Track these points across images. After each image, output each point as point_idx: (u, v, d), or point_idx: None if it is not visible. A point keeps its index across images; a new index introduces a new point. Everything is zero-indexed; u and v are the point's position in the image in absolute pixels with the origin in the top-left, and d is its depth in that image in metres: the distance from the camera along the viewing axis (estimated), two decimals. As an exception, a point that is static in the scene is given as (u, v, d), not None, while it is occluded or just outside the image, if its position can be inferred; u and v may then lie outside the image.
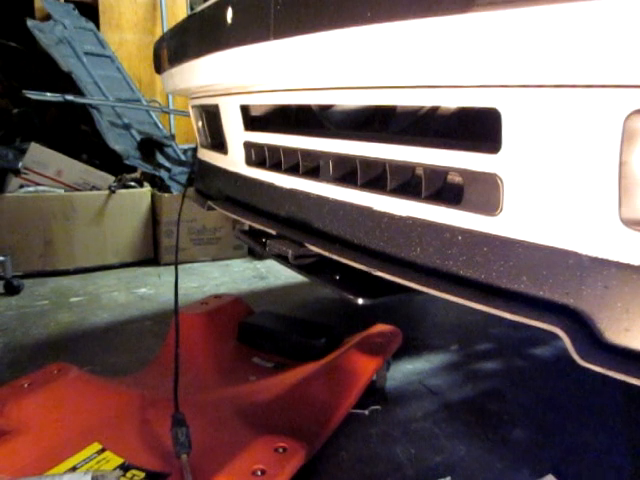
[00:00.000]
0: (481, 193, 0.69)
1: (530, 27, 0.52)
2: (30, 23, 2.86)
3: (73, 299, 2.17)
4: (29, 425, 1.07)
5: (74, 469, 0.98)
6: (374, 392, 1.36)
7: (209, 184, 1.60)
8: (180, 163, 2.94)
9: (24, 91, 2.59)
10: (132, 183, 2.74)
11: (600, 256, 0.56)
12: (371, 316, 1.63)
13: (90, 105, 2.78)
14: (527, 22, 0.52)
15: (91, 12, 3.37)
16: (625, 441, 1.19)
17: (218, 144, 1.46)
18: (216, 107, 1.38)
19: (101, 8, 3.52)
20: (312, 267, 1.12)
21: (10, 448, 1.01)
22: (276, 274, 2.52)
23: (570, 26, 0.49)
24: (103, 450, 1.04)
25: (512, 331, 1.80)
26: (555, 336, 0.59)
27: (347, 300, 0.99)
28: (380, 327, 1.50)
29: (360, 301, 0.95)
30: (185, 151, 3.07)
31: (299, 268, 1.11)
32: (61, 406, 1.13)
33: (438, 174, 0.78)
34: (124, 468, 0.99)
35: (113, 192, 2.59)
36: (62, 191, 2.55)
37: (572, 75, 0.54)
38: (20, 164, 2.49)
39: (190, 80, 1.29)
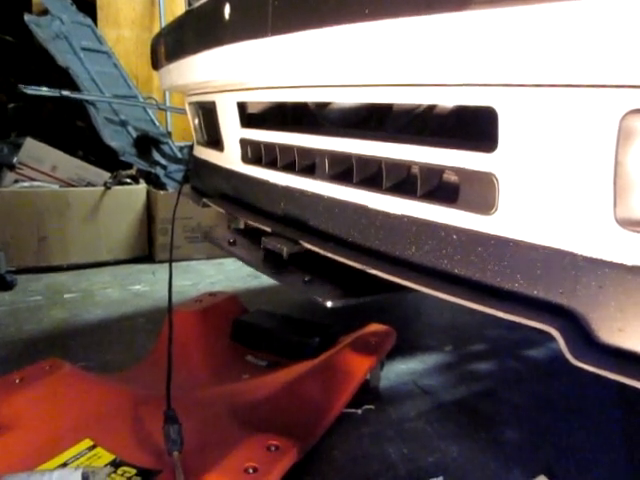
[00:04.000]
0: (477, 192, 0.69)
1: (527, 26, 0.52)
2: (27, 18, 2.84)
3: (67, 295, 2.16)
4: (20, 420, 1.06)
5: (65, 465, 0.98)
6: (367, 391, 1.36)
7: (205, 181, 1.60)
8: (176, 160, 2.93)
9: (20, 86, 2.57)
10: (127, 180, 2.73)
11: (595, 256, 0.56)
12: (365, 316, 1.63)
13: (86, 101, 2.76)
14: (524, 20, 0.52)
15: (89, 8, 3.35)
16: (618, 442, 1.19)
17: (214, 141, 1.45)
18: (213, 104, 1.37)
19: (99, 4, 3.51)
20: (282, 268, 1.11)
21: (1, 443, 1.01)
22: (271, 273, 2.51)
23: (567, 25, 0.49)
24: (94, 446, 1.03)
25: (506, 332, 1.81)
26: (549, 337, 0.59)
27: (316, 302, 0.97)
28: (374, 327, 1.49)
29: (329, 304, 0.94)
30: (181, 148, 3.06)
31: (268, 270, 1.10)
32: (53, 402, 1.13)
33: (434, 173, 0.78)
34: (115, 465, 0.98)
35: (108, 188, 2.58)
36: (57, 187, 2.54)
37: (569, 75, 0.54)
38: (15, 159, 2.48)
39: (187, 76, 1.29)
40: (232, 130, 1.30)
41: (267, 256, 1.18)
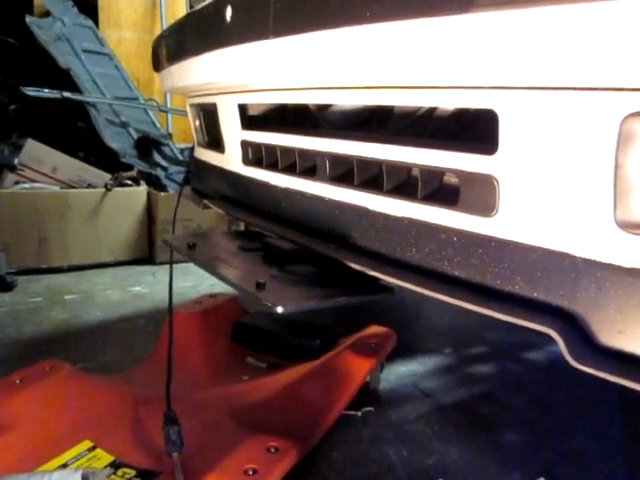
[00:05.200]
0: (477, 194, 0.69)
1: (528, 29, 0.52)
2: (29, 19, 2.85)
3: (67, 296, 2.16)
4: (20, 421, 1.06)
5: (65, 466, 0.98)
6: (367, 393, 1.36)
7: (205, 183, 1.60)
8: (177, 162, 2.93)
9: (22, 87, 2.58)
10: (128, 181, 2.73)
11: (594, 258, 0.56)
12: (366, 318, 1.63)
13: (87, 102, 2.77)
14: (525, 23, 0.52)
15: (90, 9, 3.36)
16: (618, 444, 1.19)
17: (215, 143, 1.45)
18: (214, 106, 1.38)
19: (100, 6, 3.52)
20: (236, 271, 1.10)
21: (1, 444, 1.01)
22: (271, 275, 2.51)
23: (568, 28, 0.49)
24: (94, 447, 1.03)
25: (506, 335, 1.81)
26: (549, 340, 0.59)
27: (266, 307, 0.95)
28: (374, 328, 1.49)
29: (279, 309, 0.92)
30: (182, 150, 3.07)
31: (221, 275, 1.09)
32: (53, 403, 1.13)
33: (434, 175, 0.78)
34: (115, 466, 0.98)
35: (109, 190, 2.58)
36: (57, 188, 2.54)
37: (569, 77, 0.54)
38: (16, 160, 2.48)
39: (188, 78, 1.29)
40: (233, 132, 1.30)
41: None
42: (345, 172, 0.95)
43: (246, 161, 1.27)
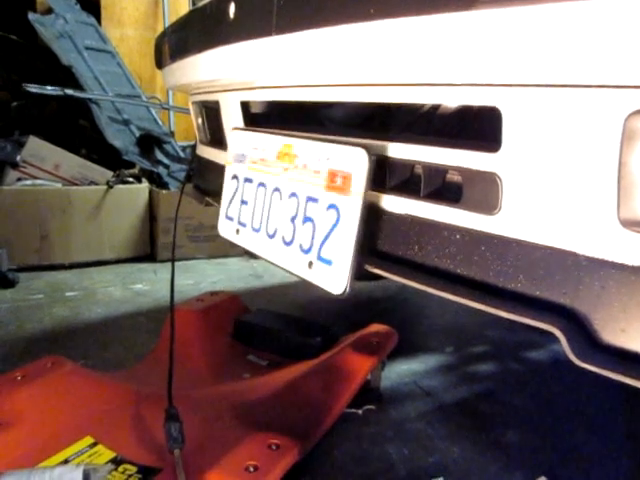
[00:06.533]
0: (480, 192, 0.69)
1: (532, 26, 0.52)
2: (31, 16, 2.85)
3: (68, 293, 2.17)
4: (22, 417, 1.07)
5: (66, 462, 0.98)
6: (368, 392, 1.36)
7: (208, 180, 1.60)
8: (179, 160, 2.93)
9: (24, 85, 2.58)
10: (130, 179, 2.73)
11: (598, 256, 0.56)
12: (367, 316, 1.63)
13: (90, 100, 2.77)
14: (529, 21, 0.52)
15: (93, 7, 3.36)
16: (620, 444, 1.19)
17: (218, 140, 1.45)
18: (216, 103, 1.38)
19: (103, 3, 3.52)
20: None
21: (2, 440, 1.01)
22: (272, 273, 2.52)
23: (572, 25, 0.49)
24: (95, 444, 1.04)
25: (507, 334, 1.81)
26: (551, 339, 0.59)
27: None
28: (376, 327, 1.50)
29: None
30: (184, 148, 3.07)
31: None
32: (54, 399, 1.13)
33: (437, 172, 0.78)
34: (116, 462, 0.99)
35: (111, 187, 2.58)
36: (60, 185, 2.54)
37: (573, 75, 0.54)
38: (18, 157, 2.48)
39: (191, 75, 1.29)
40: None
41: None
42: (347, 170, 0.94)
43: (248, 159, 1.27)
